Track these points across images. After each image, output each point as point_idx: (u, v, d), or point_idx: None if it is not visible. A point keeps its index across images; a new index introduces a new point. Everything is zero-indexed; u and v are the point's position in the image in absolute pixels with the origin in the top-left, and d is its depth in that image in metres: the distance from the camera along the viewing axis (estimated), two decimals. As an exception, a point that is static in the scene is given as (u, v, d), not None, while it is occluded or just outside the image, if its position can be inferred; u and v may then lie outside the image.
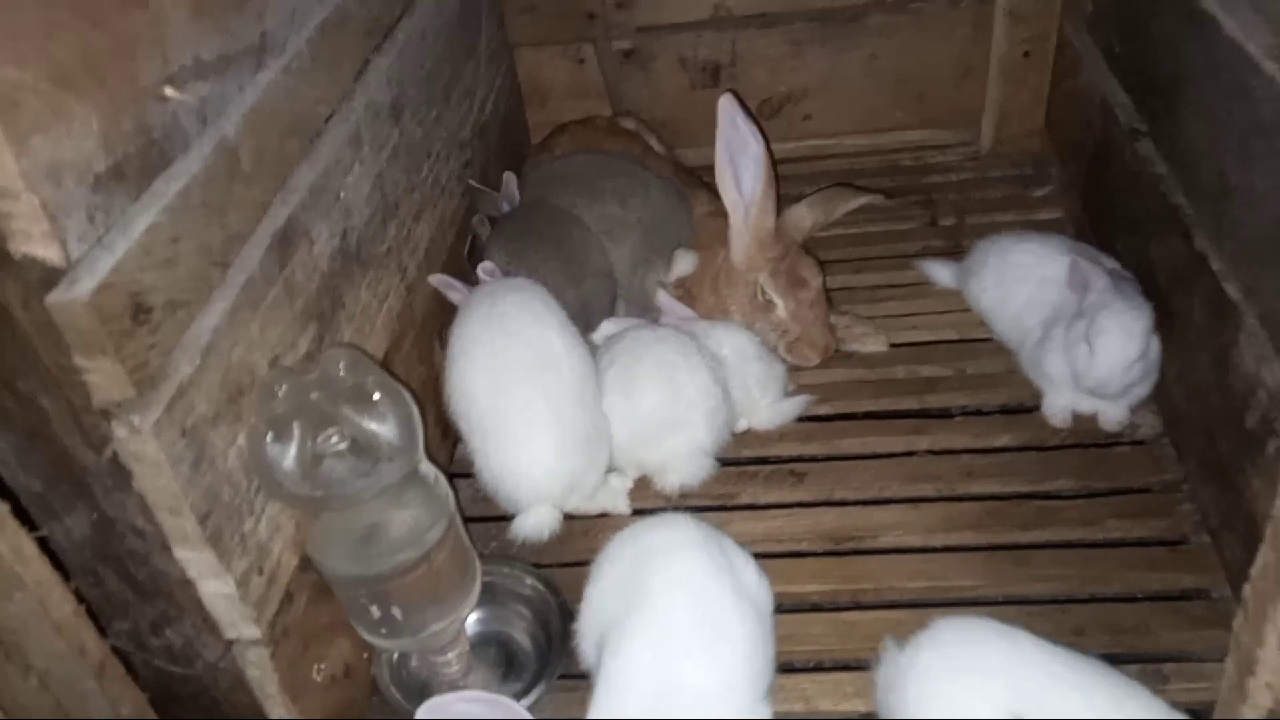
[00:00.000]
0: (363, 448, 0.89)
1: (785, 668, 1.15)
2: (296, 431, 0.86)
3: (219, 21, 0.86)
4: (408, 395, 0.92)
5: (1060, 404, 1.41)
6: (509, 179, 1.62)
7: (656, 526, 1.09)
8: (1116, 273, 1.40)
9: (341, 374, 0.89)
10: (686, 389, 1.35)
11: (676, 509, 1.34)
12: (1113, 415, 1.38)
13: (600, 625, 1.04)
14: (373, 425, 0.88)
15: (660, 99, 2.07)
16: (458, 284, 1.40)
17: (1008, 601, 1.20)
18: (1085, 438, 1.39)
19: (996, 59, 1.92)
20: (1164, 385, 1.35)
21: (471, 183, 1.63)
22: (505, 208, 1.61)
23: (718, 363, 1.42)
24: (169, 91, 0.76)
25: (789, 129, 2.09)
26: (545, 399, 1.26)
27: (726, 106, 1.42)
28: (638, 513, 1.36)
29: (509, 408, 1.25)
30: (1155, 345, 1.31)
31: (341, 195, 1.15)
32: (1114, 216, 1.57)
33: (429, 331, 1.43)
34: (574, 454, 1.28)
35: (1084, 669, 0.95)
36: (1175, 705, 0.93)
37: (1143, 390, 1.36)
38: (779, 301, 1.49)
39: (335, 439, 0.87)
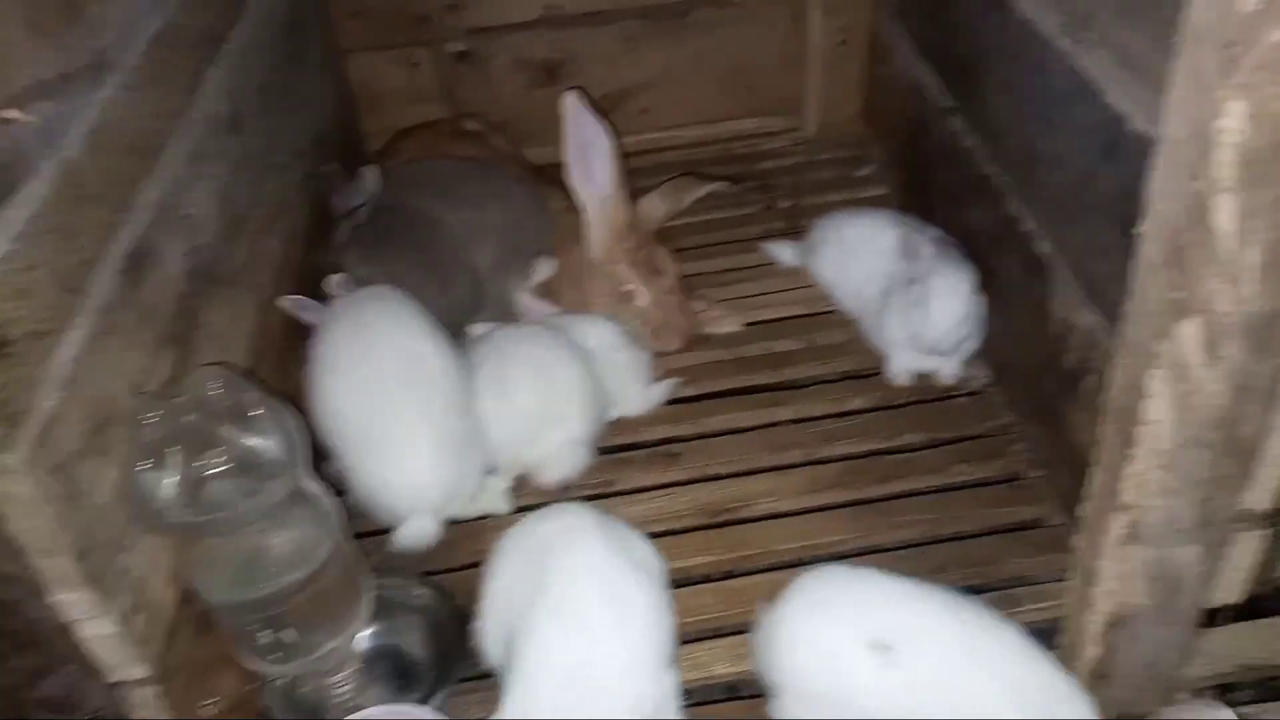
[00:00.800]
0: (247, 466, 0.87)
1: (681, 639, 1.19)
2: (175, 457, 0.83)
3: (56, 39, 0.82)
4: (287, 409, 0.91)
5: (902, 364, 1.52)
6: (368, 172, 1.58)
7: (550, 516, 1.11)
8: (940, 240, 1.52)
9: (216, 392, 0.87)
10: (559, 383, 1.38)
11: (559, 502, 1.38)
12: (949, 370, 1.50)
13: (505, 620, 1.05)
14: (255, 441, 0.87)
15: (499, 100, 2.07)
16: (310, 303, 1.36)
17: (874, 550, 1.29)
18: (927, 394, 1.51)
19: (814, 49, 2.04)
20: (990, 339, 1.47)
21: (329, 169, 1.60)
22: (359, 201, 1.57)
23: (586, 354, 1.46)
24: (13, 114, 0.72)
25: (628, 123, 2.13)
26: (417, 407, 1.25)
27: (572, 103, 1.45)
28: (519, 511, 1.38)
29: (381, 419, 1.24)
30: (980, 303, 1.44)
31: (189, 212, 1.11)
32: (933, 189, 1.70)
33: (288, 350, 1.39)
34: (451, 460, 1.28)
35: (930, 593, 1.03)
36: (1028, 625, 1.02)
37: (972, 345, 1.48)
38: (640, 291, 1.53)
39: (217, 460, 0.84)
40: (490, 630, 1.09)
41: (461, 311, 1.50)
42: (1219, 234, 0.72)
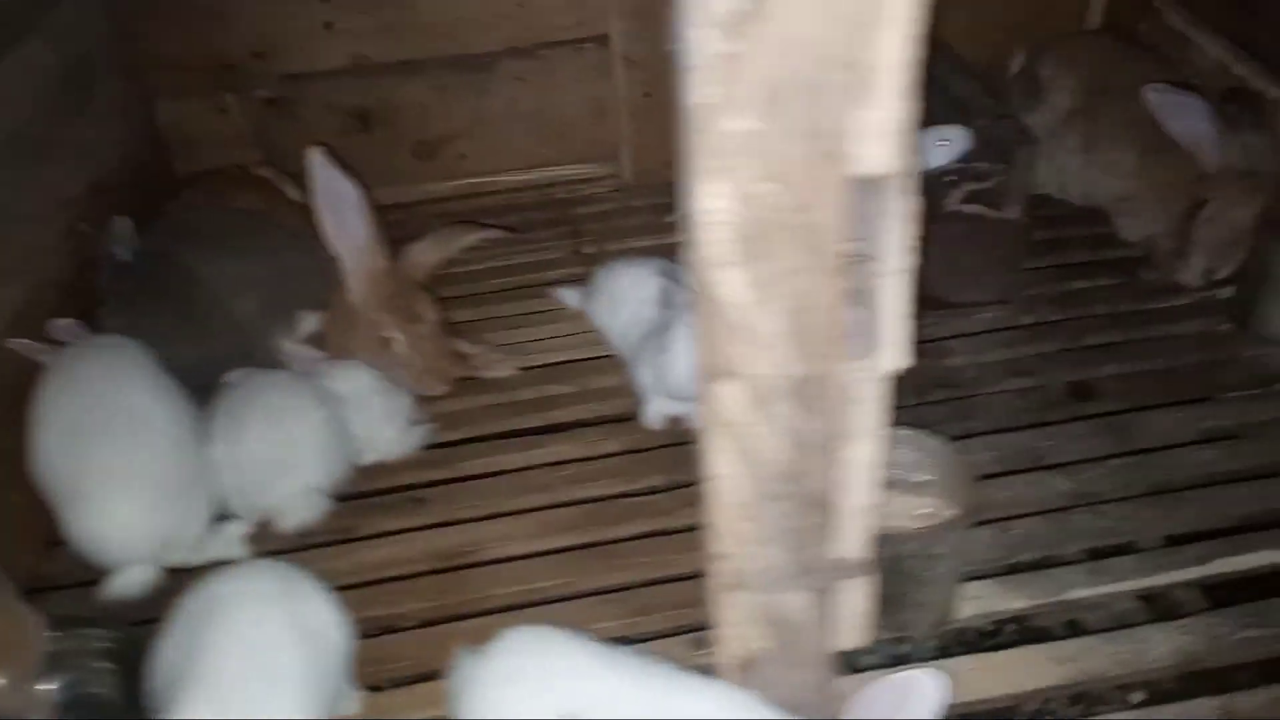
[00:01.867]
0: None
1: (378, 686, 1.21)
2: None
3: None
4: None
5: (654, 409, 1.56)
6: (121, 223, 1.60)
7: (223, 579, 1.11)
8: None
9: None
10: (292, 430, 1.40)
11: (298, 549, 1.40)
12: (695, 415, 1.55)
13: (166, 680, 1.06)
14: None
15: (313, 145, 2.10)
16: (41, 347, 1.37)
17: (589, 594, 1.32)
18: (676, 437, 1.55)
19: (621, 100, 2.10)
20: (733, 385, 1.52)
21: (82, 227, 1.61)
22: (119, 253, 1.59)
23: (337, 401, 1.48)
24: None
25: (447, 169, 2.18)
26: (126, 457, 1.27)
27: (317, 160, 1.49)
28: (263, 555, 1.39)
29: (88, 469, 1.25)
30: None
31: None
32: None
33: (20, 399, 1.39)
34: (164, 509, 1.29)
35: (622, 658, 1.06)
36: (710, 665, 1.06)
37: (718, 391, 1.53)
38: (396, 337, 1.56)
39: None
40: (156, 690, 1.09)
41: (220, 362, 1.51)
42: (732, 305, 0.77)
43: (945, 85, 1.80)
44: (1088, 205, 1.93)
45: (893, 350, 0.82)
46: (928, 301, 1.69)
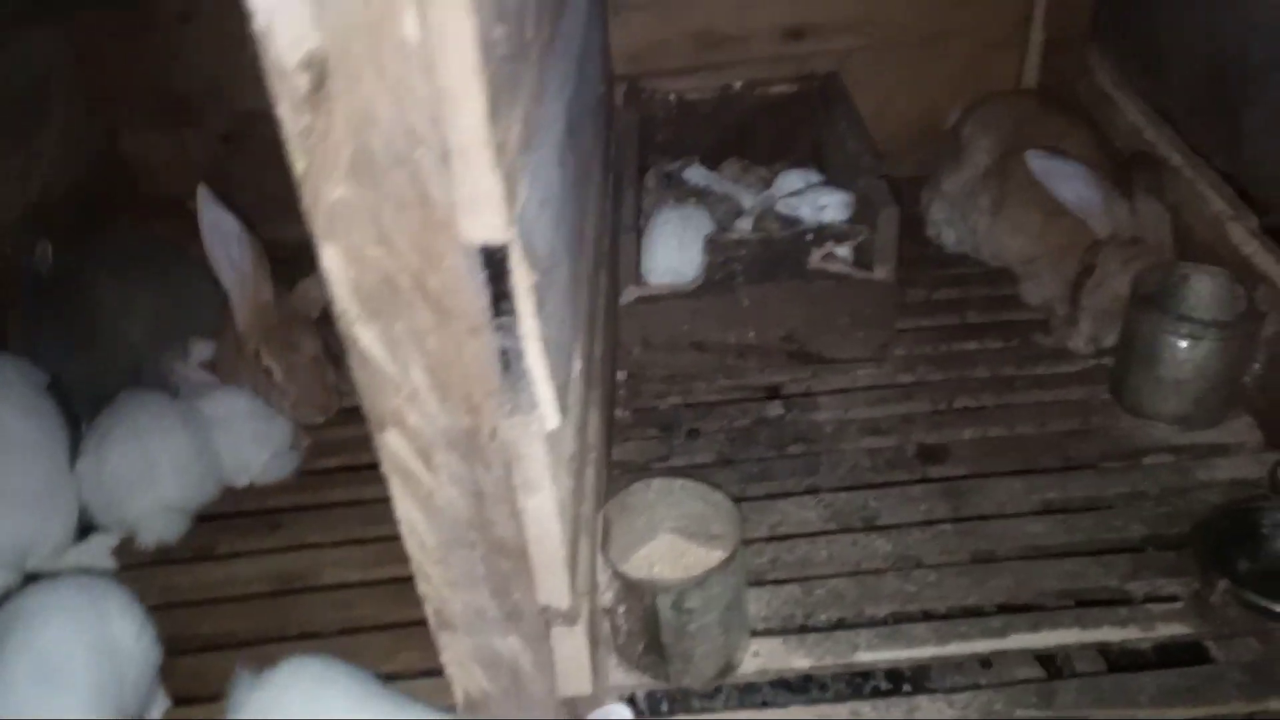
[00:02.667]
0: None
1: (187, 701, 1.29)
2: None
3: None
4: None
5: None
6: (42, 245, 1.72)
7: (31, 591, 1.20)
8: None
9: None
10: (154, 449, 1.49)
11: (154, 564, 1.49)
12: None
13: None
14: None
15: (266, 179, 2.20)
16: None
17: (401, 625, 1.37)
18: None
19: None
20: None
21: (5, 249, 1.75)
22: (42, 272, 1.71)
23: (208, 424, 1.57)
24: None
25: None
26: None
27: (203, 196, 1.59)
28: (125, 569, 1.49)
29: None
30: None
31: None
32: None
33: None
34: (23, 518, 1.39)
35: (381, 700, 1.11)
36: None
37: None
38: (273, 366, 1.64)
39: None
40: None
41: (110, 380, 1.62)
42: (373, 358, 0.82)
43: (843, 140, 1.81)
44: (999, 266, 1.91)
45: (544, 409, 0.85)
46: (803, 356, 1.72)
